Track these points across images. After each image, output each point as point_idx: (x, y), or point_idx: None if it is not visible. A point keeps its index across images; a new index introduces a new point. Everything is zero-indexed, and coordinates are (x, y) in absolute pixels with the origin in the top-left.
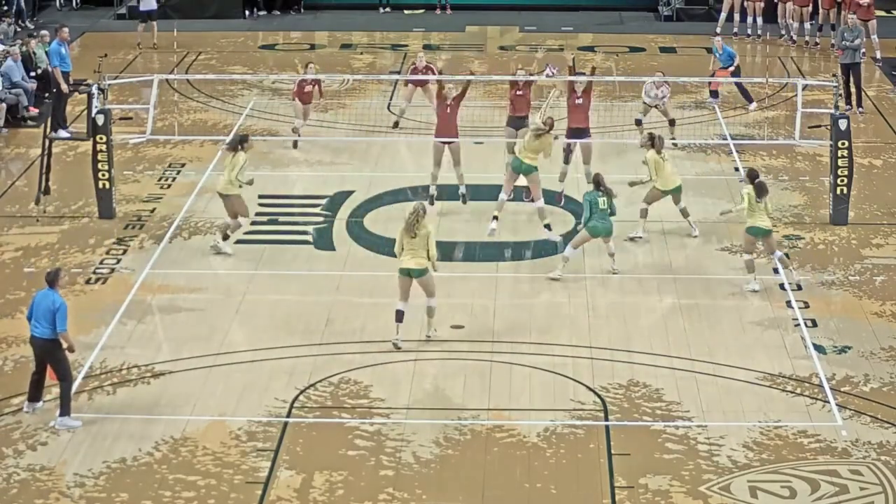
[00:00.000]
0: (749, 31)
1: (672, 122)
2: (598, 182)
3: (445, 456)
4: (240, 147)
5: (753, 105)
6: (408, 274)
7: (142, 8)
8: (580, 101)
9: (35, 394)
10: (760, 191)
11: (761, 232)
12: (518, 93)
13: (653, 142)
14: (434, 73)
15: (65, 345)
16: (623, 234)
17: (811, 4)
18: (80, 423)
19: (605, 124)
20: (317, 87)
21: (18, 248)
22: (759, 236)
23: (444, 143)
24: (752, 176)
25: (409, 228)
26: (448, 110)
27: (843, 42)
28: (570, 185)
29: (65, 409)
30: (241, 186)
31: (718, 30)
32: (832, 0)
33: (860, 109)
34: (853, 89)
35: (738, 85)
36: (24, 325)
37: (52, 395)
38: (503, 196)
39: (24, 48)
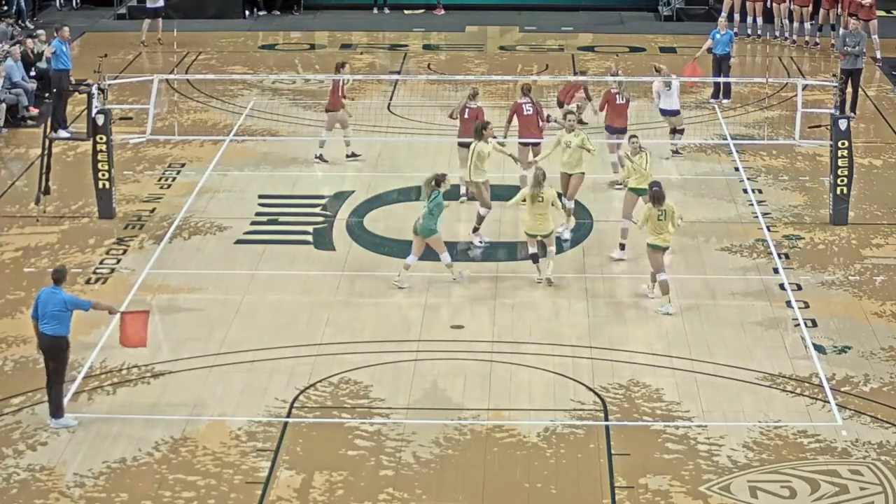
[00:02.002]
0: (749, 31)
1: (680, 132)
2: (438, 182)
3: (445, 456)
4: (482, 134)
5: (727, 101)
6: (535, 236)
7: (149, 5)
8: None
9: (56, 409)
10: (657, 200)
11: (657, 248)
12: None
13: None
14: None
15: (105, 311)
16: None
17: (811, 4)
18: (76, 421)
19: (604, 125)
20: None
21: (18, 248)
22: (658, 251)
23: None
24: (656, 198)
25: (534, 195)
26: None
27: (845, 47)
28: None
29: (55, 412)
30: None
31: (723, 20)
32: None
33: (852, 115)
34: (849, 94)
35: (726, 82)
36: (24, 325)
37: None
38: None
39: (21, 48)
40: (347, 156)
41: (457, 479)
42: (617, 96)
